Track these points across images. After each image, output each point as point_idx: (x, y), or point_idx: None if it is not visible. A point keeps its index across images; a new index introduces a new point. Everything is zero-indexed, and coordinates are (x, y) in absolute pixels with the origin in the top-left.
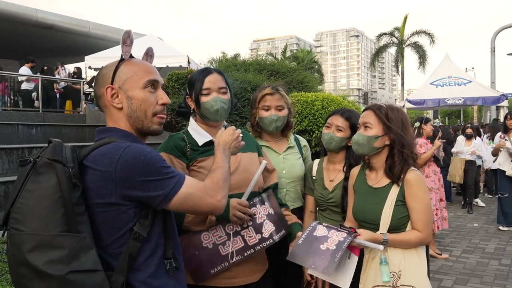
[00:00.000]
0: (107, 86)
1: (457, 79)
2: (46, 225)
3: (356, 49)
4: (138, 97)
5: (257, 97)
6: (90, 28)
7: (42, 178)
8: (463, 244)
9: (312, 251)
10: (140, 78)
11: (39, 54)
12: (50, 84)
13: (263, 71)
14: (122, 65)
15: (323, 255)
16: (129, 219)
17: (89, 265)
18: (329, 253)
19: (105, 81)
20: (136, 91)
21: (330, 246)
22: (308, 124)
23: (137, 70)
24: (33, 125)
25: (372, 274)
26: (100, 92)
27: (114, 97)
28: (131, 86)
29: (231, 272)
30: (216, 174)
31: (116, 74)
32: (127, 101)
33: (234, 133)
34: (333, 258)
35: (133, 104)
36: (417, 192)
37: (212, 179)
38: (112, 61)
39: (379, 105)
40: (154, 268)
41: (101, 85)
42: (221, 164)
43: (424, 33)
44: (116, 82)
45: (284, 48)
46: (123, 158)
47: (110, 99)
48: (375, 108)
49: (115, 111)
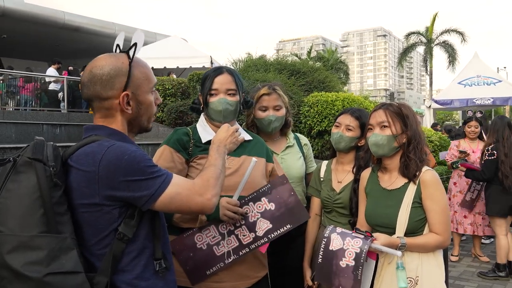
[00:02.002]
0: (124, 93)
1: (486, 79)
2: (25, 226)
3: (384, 49)
4: (147, 102)
5: (253, 98)
6: (116, 30)
7: (21, 178)
8: (488, 250)
9: (334, 269)
10: (149, 83)
11: (66, 55)
12: (76, 85)
13: (283, 71)
14: (133, 68)
15: (345, 274)
16: (113, 220)
17: (69, 267)
18: (351, 270)
19: (115, 85)
20: (145, 96)
21: (348, 261)
22: (328, 125)
23: (146, 74)
24: (58, 124)
25: (387, 279)
26: (106, 95)
27: (127, 104)
28: (142, 91)
29: (218, 276)
30: (206, 172)
31: (130, 79)
32: (136, 106)
33: (228, 130)
34: (356, 276)
35: (142, 108)
36: (435, 193)
37: (202, 177)
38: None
39: (389, 103)
40: (141, 269)
41: (109, 88)
42: (213, 162)
43: (454, 31)
44: (130, 87)
45: (309, 49)
46: (106, 158)
47: (125, 106)
48: (387, 106)
49: (119, 115)
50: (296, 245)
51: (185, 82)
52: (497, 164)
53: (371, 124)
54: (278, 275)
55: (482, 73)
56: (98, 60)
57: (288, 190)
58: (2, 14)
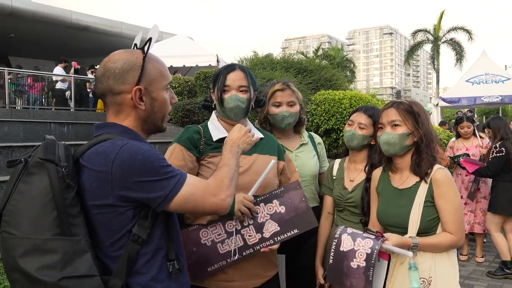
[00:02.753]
0: (136, 87)
1: (494, 76)
2: (38, 228)
3: (390, 47)
4: (161, 99)
5: (267, 93)
6: (123, 29)
7: (33, 179)
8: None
9: (345, 271)
10: (163, 79)
11: (73, 54)
12: (83, 83)
13: (290, 69)
14: (146, 63)
15: (357, 275)
16: (128, 221)
17: (84, 270)
18: (362, 271)
19: (128, 80)
20: (160, 93)
21: (360, 262)
22: (335, 123)
23: (161, 70)
24: (65, 123)
25: (400, 280)
26: (119, 89)
27: (140, 99)
28: (156, 87)
29: (228, 275)
30: (220, 172)
31: (144, 73)
32: (150, 103)
33: (241, 130)
34: (367, 277)
35: (156, 106)
36: (447, 191)
37: (216, 178)
38: (127, 53)
39: (400, 101)
40: (156, 271)
41: (122, 82)
42: (227, 162)
43: (461, 29)
44: (143, 82)
45: (317, 47)
46: (119, 158)
47: (137, 101)
48: (398, 105)
49: (132, 111)
50: (307, 247)
51: (192, 80)
52: (505, 161)
53: (381, 123)
54: (290, 276)
55: (490, 70)
56: (112, 55)
57: (300, 196)
58: (9, 14)
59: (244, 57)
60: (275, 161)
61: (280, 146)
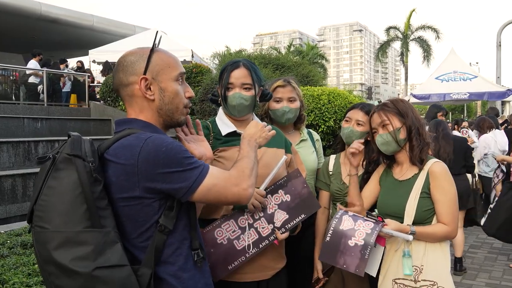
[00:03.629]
0: (141, 76)
1: (463, 74)
2: (70, 222)
3: (360, 44)
4: (171, 90)
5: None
6: (94, 22)
7: (62, 174)
8: (471, 240)
9: (341, 248)
10: (173, 70)
11: (43, 47)
12: (57, 78)
13: (268, 65)
14: (153, 54)
15: (352, 252)
16: (154, 212)
17: (115, 260)
18: (359, 249)
19: (136, 70)
20: (169, 83)
21: (358, 241)
22: (314, 119)
23: (170, 61)
24: (39, 118)
25: (393, 267)
26: (128, 81)
27: (147, 88)
28: (164, 77)
29: (240, 267)
30: (241, 163)
31: (150, 64)
32: (159, 93)
33: (257, 125)
34: (363, 255)
35: (166, 96)
36: (443, 184)
37: (237, 168)
38: (137, 48)
39: (383, 103)
40: (184, 260)
41: (130, 73)
42: (246, 155)
43: (429, 28)
44: (149, 72)
45: (289, 43)
46: (145, 150)
47: (144, 90)
48: (380, 107)
49: (144, 102)
50: (305, 236)
51: None
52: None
53: (373, 128)
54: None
55: (459, 68)
56: (125, 52)
57: (301, 183)
58: None
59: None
60: (286, 157)
61: (287, 139)
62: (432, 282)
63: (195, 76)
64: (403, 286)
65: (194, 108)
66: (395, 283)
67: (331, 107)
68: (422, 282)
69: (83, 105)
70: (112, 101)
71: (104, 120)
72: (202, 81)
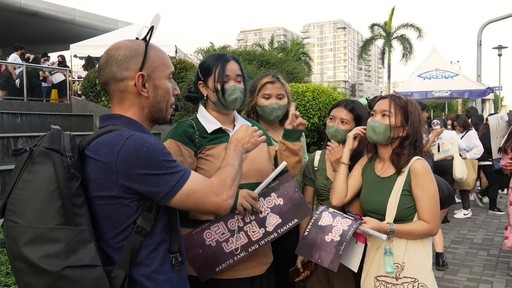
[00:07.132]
0: (139, 73)
1: (444, 72)
2: (43, 218)
3: (343, 41)
4: (164, 88)
5: (257, 85)
6: (76, 16)
7: (38, 168)
8: (452, 235)
9: (318, 243)
10: (166, 68)
11: (22, 41)
12: (36, 73)
13: (252, 62)
14: (149, 50)
15: (328, 248)
16: (132, 213)
17: (87, 260)
18: (334, 245)
19: (131, 65)
20: (162, 81)
21: (334, 237)
22: None
23: (163, 58)
24: (18, 114)
25: (375, 264)
26: (122, 75)
27: (143, 85)
28: (158, 75)
29: (236, 264)
30: (224, 172)
31: (146, 60)
32: (153, 90)
33: (247, 129)
34: (338, 251)
35: (158, 94)
36: (423, 181)
37: (219, 177)
38: (127, 41)
39: (398, 96)
40: (159, 263)
41: (124, 68)
42: (230, 162)
43: (412, 26)
44: (146, 69)
45: (271, 39)
46: (125, 149)
47: (140, 87)
48: (395, 98)
49: (136, 99)
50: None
51: None
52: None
53: (374, 110)
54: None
55: (441, 66)
56: (115, 44)
57: (293, 187)
58: None
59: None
60: (286, 163)
61: (266, 132)
62: (413, 279)
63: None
64: (384, 283)
65: (178, 104)
66: (377, 280)
67: (315, 104)
68: (403, 279)
69: (64, 100)
70: (94, 97)
71: (85, 116)
72: (186, 77)
